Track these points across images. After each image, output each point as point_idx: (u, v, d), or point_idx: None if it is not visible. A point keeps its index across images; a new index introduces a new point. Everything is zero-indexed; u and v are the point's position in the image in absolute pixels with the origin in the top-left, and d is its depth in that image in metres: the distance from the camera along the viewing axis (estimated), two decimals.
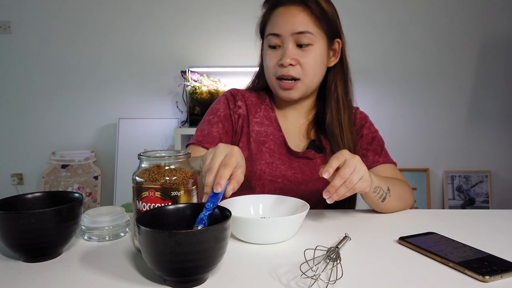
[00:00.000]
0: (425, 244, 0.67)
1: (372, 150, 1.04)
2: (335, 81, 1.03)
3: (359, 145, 1.06)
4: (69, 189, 2.64)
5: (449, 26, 2.72)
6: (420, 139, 2.78)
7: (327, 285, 0.53)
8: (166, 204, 0.63)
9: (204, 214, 0.60)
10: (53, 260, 0.65)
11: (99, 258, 0.66)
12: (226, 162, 0.67)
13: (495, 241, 0.71)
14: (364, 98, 2.71)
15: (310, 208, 0.76)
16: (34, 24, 2.68)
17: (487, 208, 2.74)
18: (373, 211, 0.93)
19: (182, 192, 0.64)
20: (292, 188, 1.01)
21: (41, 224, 0.61)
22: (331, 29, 0.99)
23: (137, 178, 0.65)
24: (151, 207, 0.63)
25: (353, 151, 1.01)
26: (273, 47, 0.99)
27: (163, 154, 0.67)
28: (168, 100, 2.75)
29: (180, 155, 0.66)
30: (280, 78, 0.98)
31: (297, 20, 0.95)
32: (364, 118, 1.10)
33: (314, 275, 0.54)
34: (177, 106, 2.71)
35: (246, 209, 0.82)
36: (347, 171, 0.73)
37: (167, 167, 0.65)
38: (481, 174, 2.78)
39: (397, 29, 2.72)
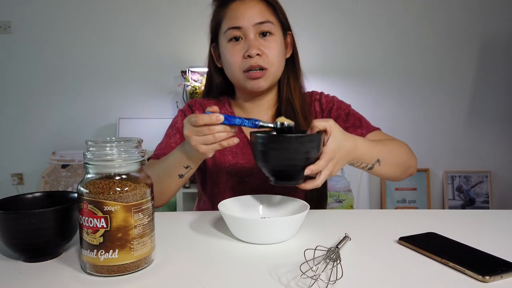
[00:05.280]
0: (425, 244, 0.67)
1: (352, 126, 1.03)
2: (287, 73, 1.05)
3: None
4: (69, 189, 2.64)
5: (449, 26, 2.72)
6: (420, 139, 2.78)
7: (327, 285, 0.53)
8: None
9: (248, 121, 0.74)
10: (53, 260, 0.65)
11: None
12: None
13: (495, 241, 0.71)
14: (364, 98, 2.71)
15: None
16: (34, 24, 2.69)
17: (487, 208, 2.74)
18: (373, 211, 0.93)
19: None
20: (261, 186, 0.98)
21: (41, 224, 0.61)
22: (284, 20, 1.03)
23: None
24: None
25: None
26: (236, 39, 0.97)
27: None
28: (168, 100, 2.75)
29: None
30: (248, 70, 0.97)
31: (256, 11, 0.97)
32: (330, 101, 1.09)
33: (314, 275, 0.54)
34: (177, 106, 2.70)
35: (246, 209, 0.83)
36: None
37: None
38: (481, 174, 2.78)
39: (397, 29, 2.72)
